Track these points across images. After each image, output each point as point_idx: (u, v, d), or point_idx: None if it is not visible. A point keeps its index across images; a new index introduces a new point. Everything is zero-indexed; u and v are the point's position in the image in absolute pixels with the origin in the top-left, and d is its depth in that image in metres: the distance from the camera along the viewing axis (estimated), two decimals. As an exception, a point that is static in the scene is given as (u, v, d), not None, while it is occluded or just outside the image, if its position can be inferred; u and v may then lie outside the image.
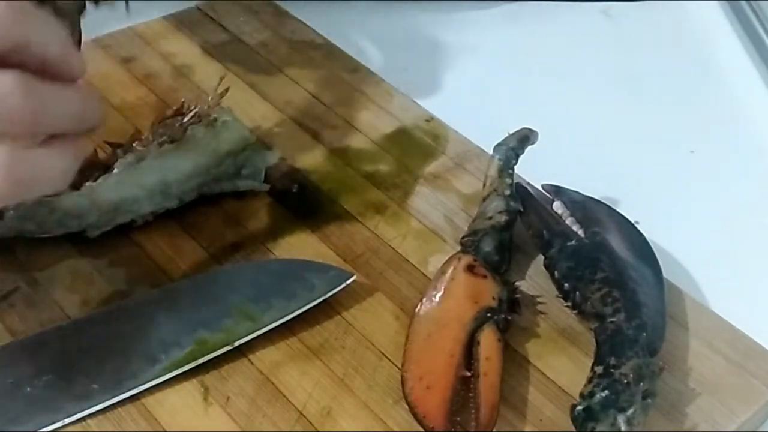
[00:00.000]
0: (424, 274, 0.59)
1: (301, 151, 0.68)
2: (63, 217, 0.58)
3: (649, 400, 0.48)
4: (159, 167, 0.60)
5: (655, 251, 0.58)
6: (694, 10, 0.90)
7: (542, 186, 0.63)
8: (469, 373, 0.50)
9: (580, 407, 0.47)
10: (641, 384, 0.48)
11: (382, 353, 0.54)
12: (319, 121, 0.71)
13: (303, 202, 0.64)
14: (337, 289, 0.56)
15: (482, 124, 0.70)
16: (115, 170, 0.60)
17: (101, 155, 0.61)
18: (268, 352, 0.54)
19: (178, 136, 0.61)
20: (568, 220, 0.59)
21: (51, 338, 0.53)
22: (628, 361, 0.48)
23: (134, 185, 0.60)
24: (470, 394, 0.50)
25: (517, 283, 0.56)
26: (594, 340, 0.51)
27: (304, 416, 0.50)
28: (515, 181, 0.61)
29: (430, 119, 0.71)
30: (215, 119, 0.63)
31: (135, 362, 0.51)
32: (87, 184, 0.59)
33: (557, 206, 0.61)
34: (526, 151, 0.62)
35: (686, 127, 0.76)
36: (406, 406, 0.50)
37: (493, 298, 0.53)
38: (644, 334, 0.50)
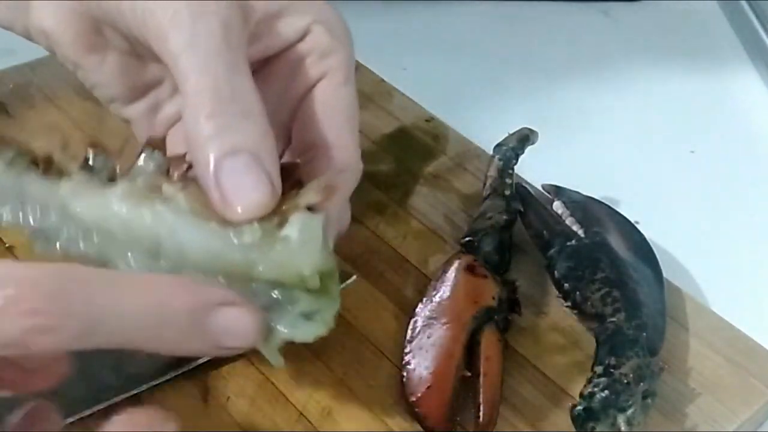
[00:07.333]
0: (424, 274, 0.58)
1: (301, 151, 0.68)
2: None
3: (649, 400, 0.48)
4: (169, 224, 0.41)
5: (655, 251, 0.58)
6: (694, 10, 0.90)
7: (542, 186, 0.63)
8: (469, 373, 0.50)
9: (580, 407, 0.47)
10: (641, 384, 0.48)
11: (382, 353, 0.54)
12: (319, 121, 0.70)
13: (303, 202, 0.64)
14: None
15: (482, 124, 0.70)
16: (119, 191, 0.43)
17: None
18: (268, 352, 0.54)
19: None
20: (568, 220, 0.59)
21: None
22: (628, 361, 0.48)
23: (123, 225, 0.42)
24: (470, 394, 0.50)
25: (517, 283, 0.56)
26: (594, 340, 0.51)
27: (304, 416, 0.50)
28: (515, 181, 0.61)
29: (430, 119, 0.71)
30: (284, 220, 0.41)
31: (135, 362, 0.51)
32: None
33: (557, 206, 0.61)
34: (526, 151, 0.62)
35: (686, 127, 0.76)
36: (406, 406, 0.50)
37: (493, 298, 0.53)
38: (644, 334, 0.50)
